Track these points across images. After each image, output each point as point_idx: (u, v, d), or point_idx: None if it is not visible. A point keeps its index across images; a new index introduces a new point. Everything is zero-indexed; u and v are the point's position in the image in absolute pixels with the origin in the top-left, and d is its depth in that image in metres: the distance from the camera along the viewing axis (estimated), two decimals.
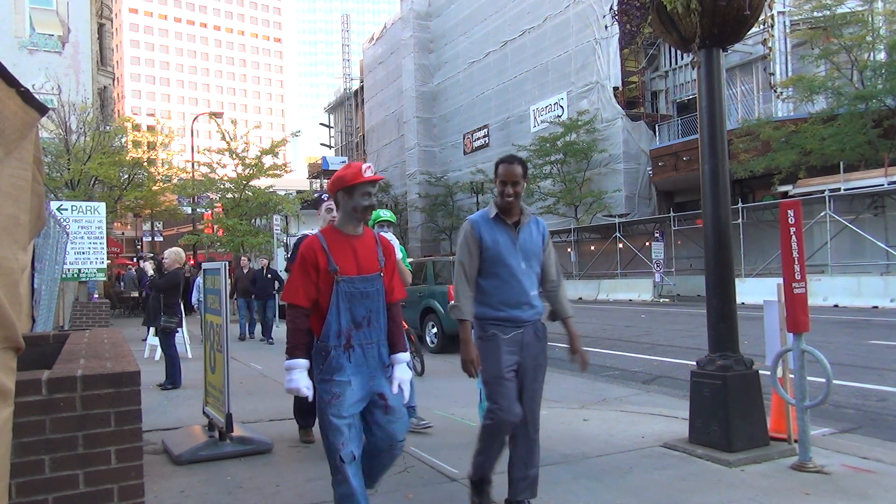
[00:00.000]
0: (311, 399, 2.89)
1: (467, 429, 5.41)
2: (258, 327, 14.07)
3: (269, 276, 13.79)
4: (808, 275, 4.46)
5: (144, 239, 41.74)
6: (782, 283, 4.35)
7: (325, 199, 4.84)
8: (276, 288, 13.73)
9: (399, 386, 3.00)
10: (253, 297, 13.81)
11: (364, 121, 57.62)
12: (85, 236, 12.61)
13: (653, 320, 15.71)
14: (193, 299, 12.87)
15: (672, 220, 26.03)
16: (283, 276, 18.47)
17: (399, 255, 5.20)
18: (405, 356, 3.09)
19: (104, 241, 13.17)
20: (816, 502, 3.62)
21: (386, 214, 5.64)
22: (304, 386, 2.86)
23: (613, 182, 30.37)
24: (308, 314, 2.92)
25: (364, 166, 2.99)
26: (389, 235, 5.14)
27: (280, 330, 14.68)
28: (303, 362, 2.88)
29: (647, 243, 26.57)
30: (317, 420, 4.48)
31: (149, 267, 12.08)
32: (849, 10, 23.15)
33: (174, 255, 8.22)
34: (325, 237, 2.97)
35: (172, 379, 7.81)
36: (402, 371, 3.03)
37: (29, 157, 1.38)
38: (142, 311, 18.34)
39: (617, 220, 28.55)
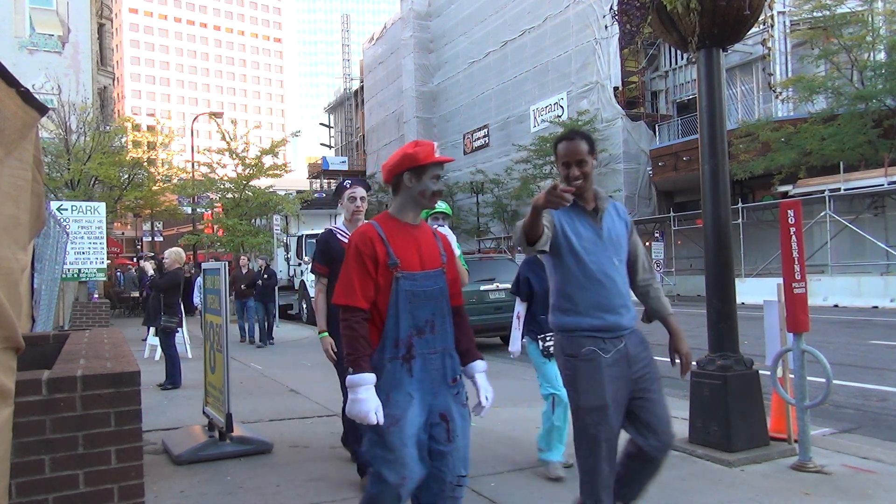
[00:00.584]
0: (382, 424, 2.34)
1: None
2: (258, 330, 13.49)
3: (266, 276, 13.53)
4: (808, 275, 4.46)
5: (144, 239, 41.73)
6: (782, 283, 4.35)
7: (348, 185, 4.32)
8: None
9: (486, 397, 2.56)
10: (253, 298, 13.52)
11: (364, 121, 57.61)
12: (85, 236, 12.61)
13: None
14: (195, 300, 12.75)
15: (672, 220, 26.03)
16: (281, 274, 18.55)
17: (457, 251, 4.68)
18: (483, 364, 2.63)
19: (104, 241, 13.16)
20: (816, 502, 3.62)
21: (441, 206, 4.74)
22: (374, 408, 2.29)
23: (613, 182, 30.36)
24: (368, 318, 2.43)
25: (434, 145, 2.54)
26: (445, 230, 4.65)
27: (281, 330, 14.64)
28: (371, 377, 2.33)
29: (647, 243, 26.57)
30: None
31: (149, 267, 12.08)
32: (849, 10, 23.15)
33: (174, 255, 8.23)
34: (381, 226, 2.50)
35: (172, 379, 7.81)
36: (485, 381, 2.58)
37: (29, 157, 1.38)
38: (142, 311, 18.34)
39: None
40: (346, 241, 4.02)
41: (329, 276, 4.10)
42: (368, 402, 2.28)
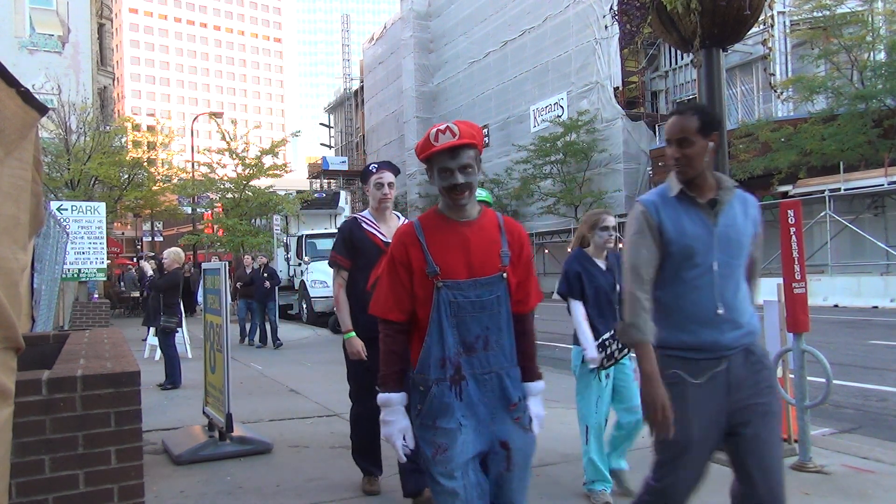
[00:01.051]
0: (410, 449, 2.16)
1: None
2: (258, 332, 13.28)
3: (266, 274, 13.14)
4: (808, 275, 4.46)
5: (144, 239, 41.75)
6: (782, 283, 4.35)
7: (374, 169, 3.89)
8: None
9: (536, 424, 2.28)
10: (254, 298, 13.23)
11: (364, 121, 57.63)
12: (85, 236, 12.61)
13: None
14: (200, 299, 12.62)
15: None
16: (282, 274, 18.51)
17: None
18: (540, 385, 2.29)
19: (104, 241, 13.16)
20: (816, 502, 3.62)
21: (482, 194, 3.99)
22: (399, 431, 2.13)
23: (613, 182, 30.37)
24: (405, 330, 2.20)
25: (433, 130, 2.14)
26: None
27: (281, 330, 14.60)
28: (397, 397, 2.16)
29: None
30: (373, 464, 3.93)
31: (148, 267, 12.07)
32: (849, 10, 23.16)
33: (174, 255, 8.24)
34: (422, 225, 2.21)
35: (172, 379, 7.81)
36: (538, 405, 2.26)
37: (29, 157, 1.38)
38: (142, 311, 18.34)
39: (617, 221, 28.54)
40: (372, 231, 3.80)
41: (351, 269, 3.74)
42: (393, 425, 2.14)
